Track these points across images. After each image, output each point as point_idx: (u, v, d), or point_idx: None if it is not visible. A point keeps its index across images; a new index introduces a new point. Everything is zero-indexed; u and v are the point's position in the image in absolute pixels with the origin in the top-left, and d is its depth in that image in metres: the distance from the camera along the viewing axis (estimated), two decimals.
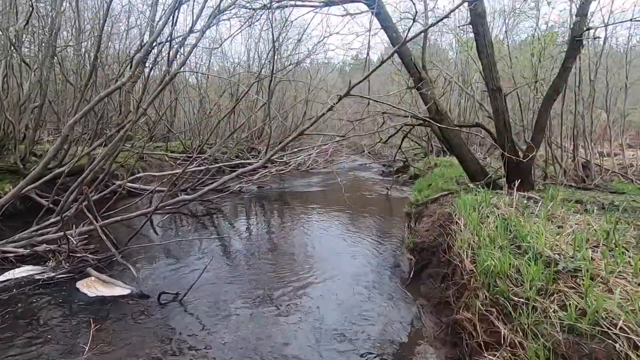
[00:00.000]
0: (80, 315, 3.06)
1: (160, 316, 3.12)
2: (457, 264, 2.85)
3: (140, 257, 4.49)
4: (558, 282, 1.93)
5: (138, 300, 3.34)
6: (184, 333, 2.90)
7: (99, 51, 4.04)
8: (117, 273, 3.85)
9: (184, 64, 4.21)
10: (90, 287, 3.47)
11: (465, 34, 7.89)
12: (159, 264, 4.35)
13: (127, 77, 3.70)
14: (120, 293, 3.38)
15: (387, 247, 5.21)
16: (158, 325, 2.98)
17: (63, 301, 3.29)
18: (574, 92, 6.83)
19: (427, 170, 10.39)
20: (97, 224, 3.92)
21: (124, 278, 3.70)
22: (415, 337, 2.87)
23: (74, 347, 2.62)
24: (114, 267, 3.98)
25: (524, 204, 3.86)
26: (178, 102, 14.53)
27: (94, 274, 3.61)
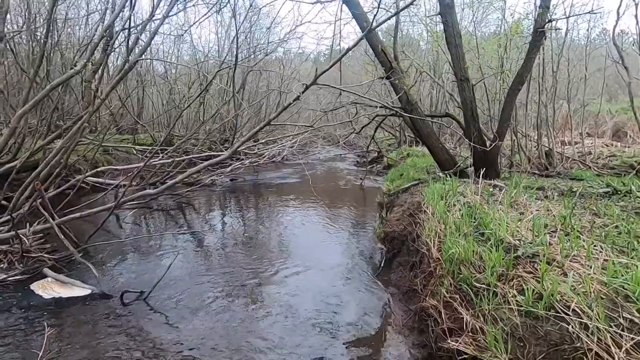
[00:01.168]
0: (35, 319, 2.88)
1: (123, 317, 2.98)
2: (425, 252, 2.89)
3: (103, 255, 4.29)
4: (517, 267, 1.98)
5: (99, 300, 3.18)
6: (150, 333, 2.79)
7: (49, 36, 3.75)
8: (77, 273, 3.65)
9: (144, 52, 3.99)
10: (46, 288, 3.27)
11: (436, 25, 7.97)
12: (123, 261, 4.17)
13: (81, 65, 3.46)
14: (79, 294, 3.21)
15: (360, 236, 5.24)
16: (121, 326, 2.85)
17: (16, 305, 3.08)
18: (537, 83, 7.07)
19: (400, 160, 10.54)
20: (54, 221, 3.69)
21: (85, 278, 3.52)
22: (385, 325, 2.90)
23: (26, 354, 2.46)
24: (73, 266, 3.78)
25: (490, 191, 3.97)
26: (145, 93, 13.94)
27: (51, 274, 3.41)
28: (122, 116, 13.35)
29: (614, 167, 8.02)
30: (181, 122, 13.73)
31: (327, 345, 2.66)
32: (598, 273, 1.74)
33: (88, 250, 4.26)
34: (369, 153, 12.70)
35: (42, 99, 3.59)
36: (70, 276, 3.50)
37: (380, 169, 12.14)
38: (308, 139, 16.32)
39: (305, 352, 2.57)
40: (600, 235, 2.38)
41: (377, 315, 3.06)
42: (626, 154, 8.97)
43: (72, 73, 3.38)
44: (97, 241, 4.41)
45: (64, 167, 4.15)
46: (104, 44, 4.70)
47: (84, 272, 3.61)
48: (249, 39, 12.36)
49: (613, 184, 4.39)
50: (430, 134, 5.84)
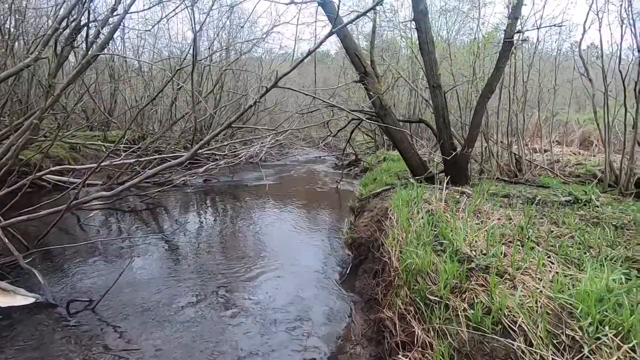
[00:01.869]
0: None
1: (69, 328, 2.79)
2: (386, 260, 2.85)
3: (56, 260, 4.04)
4: (471, 280, 1.96)
5: (43, 310, 2.97)
6: (97, 346, 2.62)
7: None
8: (23, 280, 3.41)
9: (105, 47, 3.80)
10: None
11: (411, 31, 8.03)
12: (78, 267, 3.94)
13: (31, 58, 3.24)
14: (21, 303, 2.99)
15: (332, 242, 5.17)
16: (64, 339, 2.66)
17: None
18: (509, 91, 7.23)
19: (377, 164, 10.58)
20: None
21: (30, 285, 3.29)
22: (346, 335, 2.84)
23: None
24: (19, 273, 3.53)
25: (456, 198, 3.99)
26: (118, 89, 13.46)
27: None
28: (94, 112, 12.86)
29: (579, 176, 8.31)
30: (157, 120, 13.34)
31: (287, 355, 2.58)
32: (547, 287, 1.73)
33: (42, 255, 4.01)
34: (347, 156, 12.71)
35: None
36: (14, 283, 3.26)
37: (357, 172, 12.16)
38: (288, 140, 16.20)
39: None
40: (555, 246, 2.40)
41: (339, 325, 3.00)
42: (591, 163, 9.33)
43: (20, 66, 3.16)
44: (54, 244, 4.16)
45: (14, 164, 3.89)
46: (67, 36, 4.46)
47: (31, 279, 3.38)
48: (221, 37, 12.13)
49: (575, 193, 4.50)
50: (402, 139, 5.85)
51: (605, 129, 5.80)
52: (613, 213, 3.64)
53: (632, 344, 1.31)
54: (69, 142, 9.52)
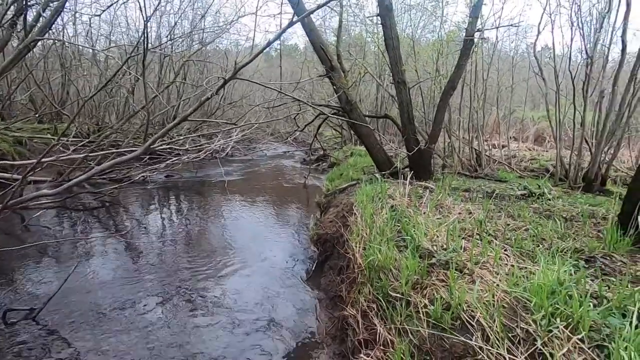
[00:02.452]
0: None
1: (7, 340, 2.53)
2: (350, 257, 2.82)
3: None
4: (431, 275, 1.96)
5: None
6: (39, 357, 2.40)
7: None
8: None
9: (46, 31, 3.46)
10: None
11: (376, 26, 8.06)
12: (18, 272, 3.60)
13: None
14: None
15: (299, 238, 5.10)
16: (1, 352, 2.41)
17: None
18: (470, 89, 7.48)
19: (344, 159, 10.61)
20: None
21: None
22: (309, 332, 2.79)
23: None
24: None
25: (420, 193, 4.05)
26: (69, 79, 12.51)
27: None
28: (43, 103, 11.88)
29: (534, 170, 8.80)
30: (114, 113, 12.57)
31: (252, 356, 2.49)
32: (503, 280, 1.76)
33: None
34: (315, 151, 12.65)
35: None
36: None
37: (325, 167, 12.15)
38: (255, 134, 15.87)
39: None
40: (511, 239, 2.47)
41: (304, 323, 2.94)
42: (544, 158, 9.91)
43: None
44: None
45: None
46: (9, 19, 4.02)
47: None
48: (184, 26, 11.60)
49: (529, 187, 4.72)
50: (369, 134, 5.87)
51: (557, 126, 6.13)
52: (563, 206, 3.85)
53: (581, 335, 1.35)
54: (13, 134, 8.73)
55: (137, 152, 3.32)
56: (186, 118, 3.35)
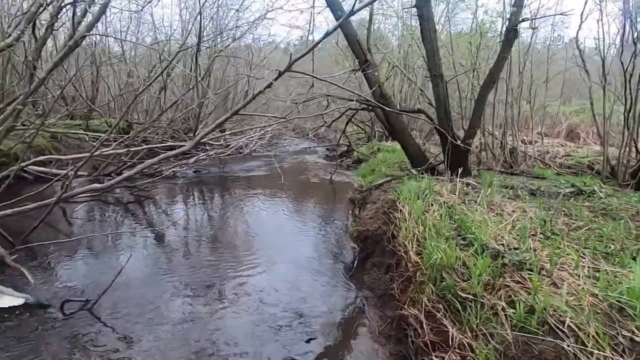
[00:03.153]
0: None
1: (63, 331, 2.59)
2: (402, 254, 2.75)
3: (44, 257, 3.78)
4: (504, 276, 1.87)
5: (34, 312, 2.75)
6: (95, 349, 2.44)
7: None
8: (10, 279, 3.17)
9: (93, 27, 3.51)
10: None
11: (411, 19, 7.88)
12: (68, 264, 3.70)
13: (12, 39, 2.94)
14: (10, 304, 2.76)
15: (330, 234, 5.06)
16: (59, 343, 2.46)
17: None
18: (505, 82, 7.21)
19: (370, 155, 10.48)
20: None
21: (19, 285, 3.05)
22: (359, 331, 2.75)
23: None
24: (6, 272, 3.28)
25: (464, 190, 3.92)
26: (100, 76, 12.83)
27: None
28: (75, 99, 12.24)
29: (570, 167, 8.44)
30: (142, 109, 12.83)
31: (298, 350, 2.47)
32: (589, 284, 1.65)
33: (28, 252, 3.75)
34: (339, 147, 12.56)
35: None
36: (1, 283, 3.02)
37: (349, 163, 12.04)
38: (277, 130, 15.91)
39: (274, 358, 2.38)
40: (579, 239, 2.34)
41: (351, 320, 2.90)
42: (580, 154, 9.50)
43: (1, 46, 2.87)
44: (40, 240, 3.88)
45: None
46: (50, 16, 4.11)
47: (18, 278, 3.14)
48: (215, 22, 11.67)
49: (577, 184, 4.50)
50: (403, 129, 5.76)
51: (603, 120, 5.83)
52: (620, 204, 3.64)
53: None
54: (50, 130, 9.02)
55: (186, 147, 3.34)
56: (237, 112, 3.34)
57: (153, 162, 3.53)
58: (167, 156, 3.50)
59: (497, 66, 5.28)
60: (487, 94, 5.52)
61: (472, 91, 6.88)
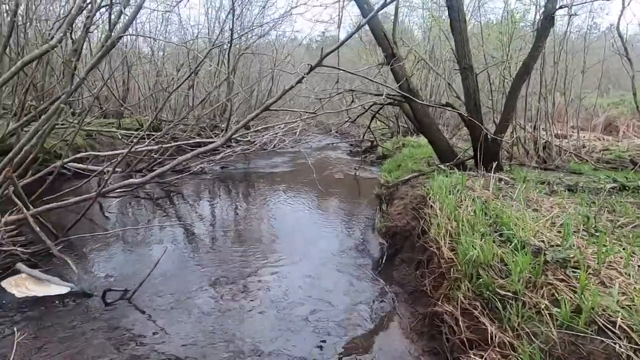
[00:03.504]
0: (5, 321, 2.60)
1: (106, 318, 2.73)
2: (434, 250, 2.70)
3: (84, 248, 3.99)
4: (547, 273, 1.79)
5: (78, 300, 2.91)
6: (136, 335, 2.55)
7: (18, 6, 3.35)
8: (54, 268, 3.36)
9: (128, 27, 3.63)
10: (19, 285, 2.98)
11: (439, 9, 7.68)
12: (106, 255, 3.88)
13: (56, 40, 3.09)
14: (56, 292, 2.93)
15: (355, 229, 5.05)
16: (102, 329, 2.59)
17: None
18: (538, 73, 6.90)
19: (395, 150, 10.34)
20: (28, 212, 3.37)
21: (63, 274, 3.23)
22: (390, 327, 2.73)
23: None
24: (50, 261, 3.47)
25: (497, 186, 3.80)
26: (131, 75, 13.31)
27: (25, 270, 3.11)
28: (107, 99, 12.75)
29: (609, 161, 7.99)
30: (169, 106, 13.20)
31: (329, 344, 2.48)
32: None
33: (68, 243, 3.96)
34: (363, 142, 12.47)
35: (12, 77, 3.22)
36: (46, 272, 3.20)
37: (373, 158, 11.94)
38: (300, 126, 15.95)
39: (303, 353, 2.39)
40: (625, 236, 2.22)
41: (381, 315, 2.88)
42: (620, 148, 8.97)
43: (46, 48, 3.02)
44: (78, 233, 4.09)
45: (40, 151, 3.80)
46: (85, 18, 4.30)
47: (62, 267, 3.32)
48: (240, 20, 11.81)
49: (619, 179, 4.27)
50: (431, 124, 5.63)
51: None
52: None
53: None
54: (86, 129, 9.45)
55: (218, 143, 3.41)
56: (268, 107, 3.38)
57: (187, 158, 3.63)
58: (200, 152, 3.59)
59: (532, 56, 5.06)
60: (520, 85, 5.31)
61: (504, 83, 6.64)
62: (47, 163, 6.09)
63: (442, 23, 6.45)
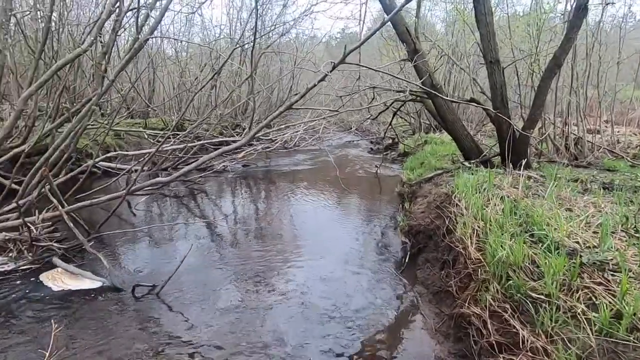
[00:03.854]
0: (43, 313, 2.74)
1: (135, 311, 2.82)
2: (460, 250, 2.63)
3: (114, 244, 4.14)
4: (583, 276, 1.71)
5: (109, 293, 3.02)
6: (163, 329, 2.63)
7: (52, 11, 3.51)
8: (88, 263, 3.51)
9: (155, 29, 3.73)
10: (55, 279, 3.13)
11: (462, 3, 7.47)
12: (135, 251, 4.02)
13: (87, 44, 3.22)
14: (89, 286, 3.06)
15: (377, 227, 5.00)
16: (132, 322, 2.69)
17: (24, 296, 2.94)
18: (569, 66, 6.59)
19: (417, 147, 10.17)
20: (63, 209, 3.53)
21: (95, 268, 3.37)
22: (414, 327, 2.69)
23: (33, 351, 2.32)
24: (84, 256, 3.63)
25: (526, 184, 3.66)
26: (156, 76, 13.69)
27: (60, 264, 3.26)
28: (133, 100, 13.18)
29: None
30: (192, 105, 13.49)
31: (350, 343, 2.47)
32: None
33: (100, 239, 4.12)
34: (384, 140, 12.34)
35: (48, 80, 3.38)
36: (80, 267, 3.35)
37: (395, 156, 11.79)
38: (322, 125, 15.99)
39: (326, 350, 2.40)
40: None
41: (405, 315, 2.85)
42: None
43: (78, 52, 3.15)
44: (108, 229, 4.26)
45: (73, 151, 3.96)
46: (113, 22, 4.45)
47: (94, 262, 3.46)
48: (262, 19, 11.90)
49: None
50: (455, 121, 5.50)
51: None
52: None
53: None
54: (114, 129, 9.80)
55: (242, 141, 3.46)
56: (291, 106, 3.40)
57: (211, 157, 3.71)
58: (225, 150, 3.65)
59: (563, 48, 4.83)
60: (550, 79, 5.09)
61: (532, 77, 6.39)
62: (78, 162, 6.37)
63: (467, 16, 6.26)
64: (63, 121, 4.48)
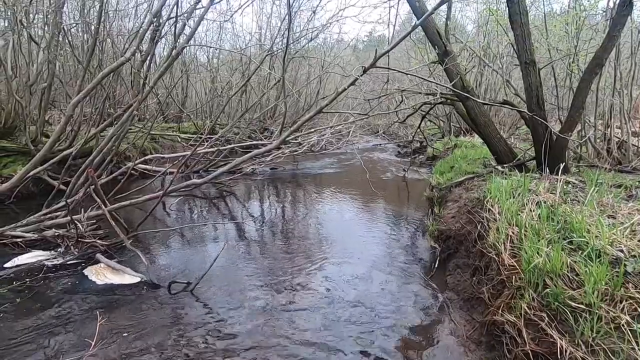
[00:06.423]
0: (88, 305, 2.93)
1: (171, 307, 2.96)
2: (493, 257, 2.57)
3: (151, 242, 4.35)
4: (627, 286, 1.63)
5: (147, 289, 3.18)
6: (196, 325, 2.74)
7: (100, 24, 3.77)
8: (127, 259, 3.71)
9: (191, 38, 3.91)
10: (99, 274, 3.33)
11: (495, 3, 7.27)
12: (170, 250, 4.20)
13: (130, 53, 3.43)
14: (129, 281, 3.24)
15: (405, 232, 4.95)
16: (169, 317, 2.82)
17: (71, 289, 3.16)
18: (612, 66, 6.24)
19: (446, 151, 9.97)
20: (105, 208, 3.75)
21: (134, 265, 3.56)
22: (444, 334, 2.64)
23: (80, 340, 2.48)
24: (124, 253, 3.84)
25: (564, 189, 3.51)
26: (189, 82, 14.25)
27: (103, 260, 3.47)
28: (168, 105, 13.79)
29: None
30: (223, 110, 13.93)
31: (381, 347, 2.47)
32: None
33: (137, 237, 4.34)
34: (412, 143, 12.17)
35: (94, 88, 3.63)
36: (120, 263, 3.55)
37: (423, 160, 11.61)
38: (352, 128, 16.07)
39: (353, 353, 2.41)
40: None
41: (435, 322, 2.80)
42: None
43: (122, 61, 3.37)
44: (145, 228, 4.48)
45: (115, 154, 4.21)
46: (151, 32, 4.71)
47: (134, 259, 3.66)
48: (293, 24, 12.12)
49: None
50: (487, 123, 5.35)
51: None
52: None
53: None
54: (151, 133, 10.28)
55: (273, 145, 3.56)
56: (322, 110, 3.46)
57: (243, 160, 3.83)
58: (256, 154, 3.76)
59: (605, 48, 4.59)
60: (591, 80, 4.84)
61: (570, 78, 6.10)
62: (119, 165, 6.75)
63: (500, 17, 6.09)
64: (106, 126, 4.77)
